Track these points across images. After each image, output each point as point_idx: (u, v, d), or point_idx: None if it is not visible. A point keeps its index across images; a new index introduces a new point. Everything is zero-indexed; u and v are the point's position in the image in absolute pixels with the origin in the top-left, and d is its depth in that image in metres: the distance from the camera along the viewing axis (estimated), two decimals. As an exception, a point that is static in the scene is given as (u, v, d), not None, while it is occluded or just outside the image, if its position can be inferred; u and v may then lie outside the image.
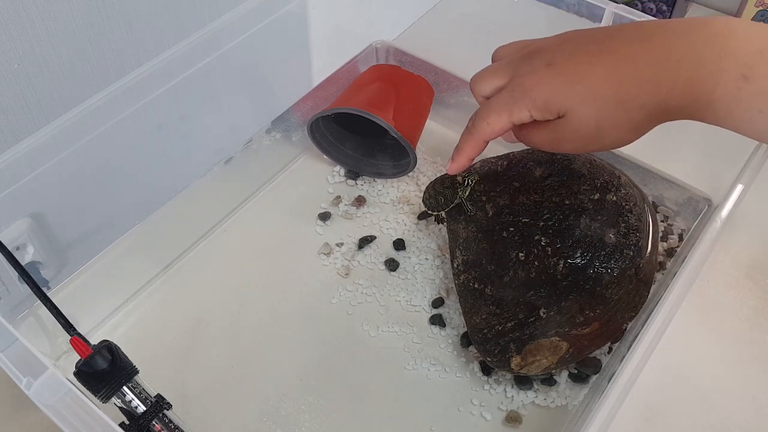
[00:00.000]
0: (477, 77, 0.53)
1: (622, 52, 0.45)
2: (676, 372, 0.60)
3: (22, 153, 0.51)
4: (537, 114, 0.48)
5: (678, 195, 0.69)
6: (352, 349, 0.61)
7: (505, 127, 0.50)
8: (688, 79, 0.43)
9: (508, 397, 0.58)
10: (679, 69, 0.43)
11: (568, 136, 0.47)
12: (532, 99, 0.47)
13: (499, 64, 0.52)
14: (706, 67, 0.43)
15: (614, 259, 0.55)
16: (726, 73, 0.42)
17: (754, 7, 0.87)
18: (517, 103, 0.48)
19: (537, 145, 0.51)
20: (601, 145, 0.48)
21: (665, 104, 0.44)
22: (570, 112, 0.46)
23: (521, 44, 0.53)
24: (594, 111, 0.45)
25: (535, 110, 0.47)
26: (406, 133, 0.67)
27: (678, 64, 0.43)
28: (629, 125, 0.46)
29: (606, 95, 0.45)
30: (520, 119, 0.49)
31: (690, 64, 0.43)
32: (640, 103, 0.44)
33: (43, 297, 0.44)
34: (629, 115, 0.45)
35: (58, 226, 0.58)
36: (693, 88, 0.43)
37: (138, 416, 0.44)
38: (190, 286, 0.65)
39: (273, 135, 0.77)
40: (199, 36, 0.60)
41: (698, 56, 0.43)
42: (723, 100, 0.43)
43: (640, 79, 0.44)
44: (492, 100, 0.51)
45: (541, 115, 0.48)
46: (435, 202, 0.64)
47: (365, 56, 0.84)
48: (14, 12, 0.54)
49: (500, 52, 0.54)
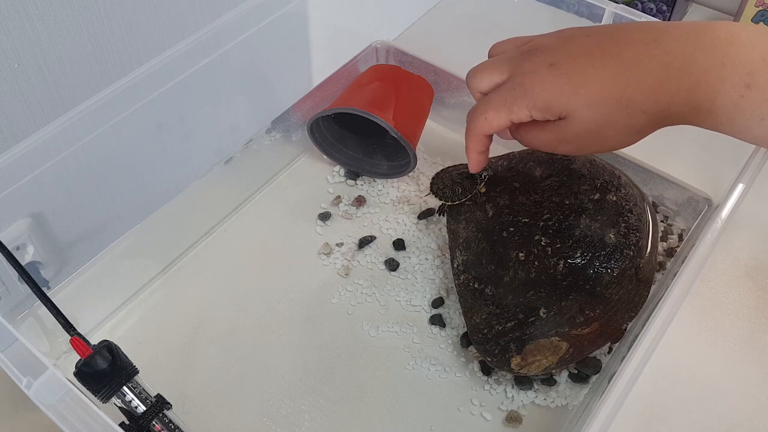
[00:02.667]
0: (474, 71, 0.52)
1: (625, 56, 0.45)
2: (676, 372, 0.60)
3: (22, 153, 0.51)
4: (537, 114, 0.47)
5: (678, 195, 0.69)
6: (352, 349, 0.61)
7: (503, 124, 0.50)
8: (691, 86, 0.43)
9: (508, 397, 0.58)
10: (682, 76, 0.43)
11: (569, 138, 0.47)
12: (533, 99, 0.47)
13: (497, 59, 0.51)
14: (708, 75, 0.42)
15: (614, 259, 0.55)
16: (728, 81, 0.42)
17: (755, 7, 0.87)
18: (517, 101, 0.48)
19: (534, 145, 0.50)
20: (600, 147, 0.48)
21: (667, 110, 0.44)
22: (572, 114, 0.46)
23: (520, 40, 0.52)
24: (597, 114, 0.45)
25: (535, 110, 0.47)
26: (406, 133, 0.67)
27: (680, 72, 0.43)
28: (631, 129, 0.46)
29: (609, 99, 0.45)
30: (519, 118, 0.48)
31: (692, 71, 0.43)
32: (643, 107, 0.44)
33: (43, 297, 0.44)
34: (632, 119, 0.45)
35: (58, 226, 0.58)
36: (695, 95, 0.43)
37: (138, 416, 0.44)
38: (190, 286, 0.65)
39: (273, 135, 0.77)
40: (199, 36, 0.60)
41: (700, 64, 0.43)
42: (725, 108, 0.43)
43: (643, 84, 0.44)
44: (491, 96, 0.50)
45: (541, 116, 0.47)
46: (452, 192, 0.62)
47: (365, 56, 0.84)
48: (14, 12, 0.54)
49: (498, 47, 0.54)
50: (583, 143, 0.47)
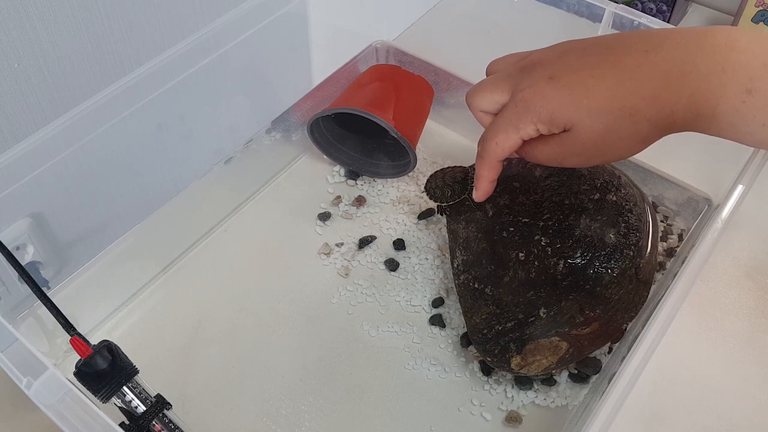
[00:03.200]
0: (474, 91, 0.52)
1: (624, 65, 0.44)
2: (676, 372, 0.60)
3: (22, 153, 0.51)
4: (543, 128, 0.47)
5: (678, 195, 0.69)
6: (352, 349, 0.61)
7: (514, 144, 0.49)
8: (692, 93, 0.43)
9: (508, 397, 0.58)
10: (683, 83, 0.43)
11: (575, 150, 0.47)
12: (537, 112, 0.46)
13: (495, 77, 0.51)
14: (709, 81, 0.42)
15: (614, 259, 0.55)
16: (729, 87, 0.42)
17: (755, 7, 0.87)
18: (522, 118, 0.47)
19: (542, 160, 0.50)
20: (607, 157, 0.48)
21: (671, 117, 0.44)
22: (576, 125, 0.45)
23: (517, 56, 0.52)
24: (601, 124, 0.45)
25: (540, 124, 0.47)
26: (406, 133, 0.67)
27: (682, 78, 0.43)
28: (637, 137, 0.45)
29: (613, 108, 0.44)
30: (528, 134, 0.48)
31: (693, 78, 0.42)
32: (646, 115, 0.44)
33: (43, 297, 0.44)
34: (637, 127, 0.44)
35: (58, 226, 0.58)
36: (697, 101, 0.43)
37: (138, 416, 0.44)
38: (190, 286, 0.65)
39: (273, 135, 0.77)
40: (199, 36, 0.60)
41: (701, 70, 0.42)
42: (726, 114, 0.42)
43: (646, 92, 0.43)
44: (496, 120, 0.50)
45: (547, 129, 0.47)
46: (441, 193, 0.64)
47: (365, 56, 0.84)
48: (14, 12, 0.54)
49: (495, 65, 0.54)
50: (590, 154, 0.47)
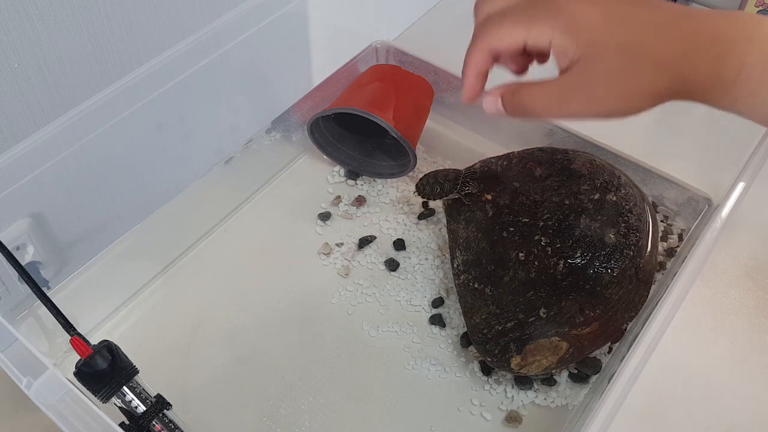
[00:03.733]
0: None
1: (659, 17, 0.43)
2: (676, 372, 0.60)
3: (22, 153, 0.51)
4: (558, 39, 0.43)
5: (678, 195, 0.69)
6: (352, 349, 0.61)
7: (515, 42, 0.44)
8: (717, 55, 0.42)
9: (508, 397, 0.58)
10: (709, 47, 0.42)
11: (582, 83, 0.43)
12: (562, 18, 0.42)
13: None
14: (736, 47, 0.42)
15: (614, 259, 0.55)
16: (753, 55, 0.41)
17: (755, 6, 0.87)
18: (541, 17, 0.43)
19: (537, 104, 0.45)
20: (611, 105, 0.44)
21: (688, 78, 0.42)
22: (598, 51, 0.42)
23: None
24: (625, 61, 0.42)
25: (558, 33, 0.42)
26: (406, 133, 0.67)
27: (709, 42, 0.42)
28: (652, 89, 0.43)
29: (639, 49, 0.42)
30: (537, 41, 0.43)
31: (720, 42, 0.42)
32: (669, 72, 0.43)
33: (43, 297, 0.44)
34: (656, 79, 0.43)
35: (58, 226, 0.58)
36: (721, 65, 0.42)
37: (138, 416, 0.44)
38: (190, 286, 0.65)
39: (273, 135, 0.77)
40: (199, 36, 0.60)
41: (728, 36, 0.42)
42: (749, 80, 0.42)
43: (676, 47, 0.42)
44: (509, 9, 0.45)
45: (560, 47, 0.43)
46: (430, 190, 0.64)
47: (365, 56, 0.84)
48: (14, 12, 0.54)
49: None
50: (597, 94, 0.43)
